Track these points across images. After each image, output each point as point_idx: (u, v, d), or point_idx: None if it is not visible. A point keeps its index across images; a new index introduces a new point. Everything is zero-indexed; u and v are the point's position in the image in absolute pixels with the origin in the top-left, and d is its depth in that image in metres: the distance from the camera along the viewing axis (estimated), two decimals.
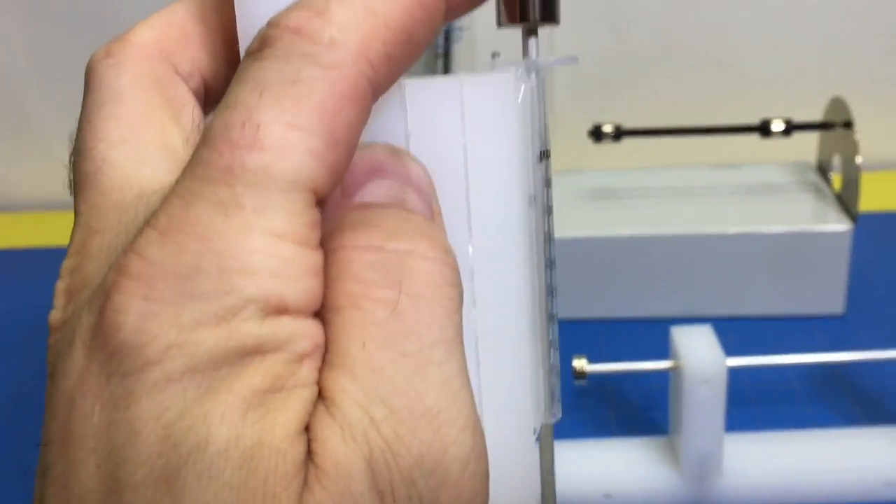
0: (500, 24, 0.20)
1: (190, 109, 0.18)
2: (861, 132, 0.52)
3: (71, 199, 0.17)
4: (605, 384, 0.48)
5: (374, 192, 0.17)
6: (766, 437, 0.42)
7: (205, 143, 0.15)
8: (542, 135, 0.19)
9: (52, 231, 0.75)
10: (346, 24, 0.15)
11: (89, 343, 0.14)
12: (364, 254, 0.16)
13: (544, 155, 0.19)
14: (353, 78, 0.15)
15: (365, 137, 0.16)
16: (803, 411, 0.46)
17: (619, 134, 0.55)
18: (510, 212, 0.19)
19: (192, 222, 0.14)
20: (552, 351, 0.20)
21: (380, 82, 0.16)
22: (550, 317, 0.20)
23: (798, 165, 0.60)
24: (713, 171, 0.60)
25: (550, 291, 0.20)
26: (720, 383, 0.37)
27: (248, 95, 0.15)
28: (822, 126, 0.54)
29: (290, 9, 0.16)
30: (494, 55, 0.20)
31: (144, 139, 0.17)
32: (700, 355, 0.37)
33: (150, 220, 0.15)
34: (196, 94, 0.19)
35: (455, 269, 0.16)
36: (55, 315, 0.16)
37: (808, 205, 0.54)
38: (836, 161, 0.55)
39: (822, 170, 0.58)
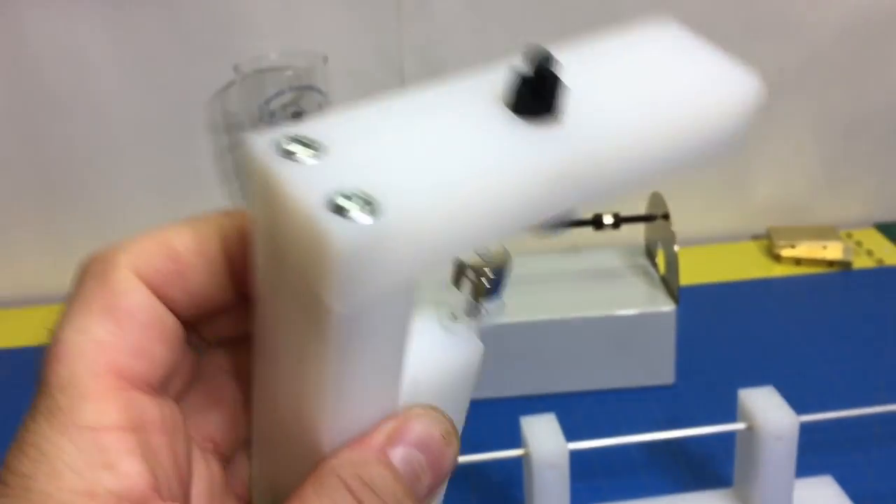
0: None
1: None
2: (677, 214, 0.58)
3: None
4: (462, 468, 0.51)
5: (404, 461, 0.19)
6: None
7: None
8: None
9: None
10: None
11: None
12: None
13: None
14: None
15: None
16: (642, 480, 0.51)
17: None
18: None
19: None
20: None
21: None
22: None
23: (629, 249, 0.66)
24: (557, 256, 0.66)
25: None
26: (564, 466, 0.41)
27: None
28: (645, 218, 0.61)
29: None
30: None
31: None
32: (546, 444, 0.41)
33: None
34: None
35: None
36: None
37: (639, 288, 0.61)
38: (660, 245, 0.62)
39: (650, 252, 0.65)
